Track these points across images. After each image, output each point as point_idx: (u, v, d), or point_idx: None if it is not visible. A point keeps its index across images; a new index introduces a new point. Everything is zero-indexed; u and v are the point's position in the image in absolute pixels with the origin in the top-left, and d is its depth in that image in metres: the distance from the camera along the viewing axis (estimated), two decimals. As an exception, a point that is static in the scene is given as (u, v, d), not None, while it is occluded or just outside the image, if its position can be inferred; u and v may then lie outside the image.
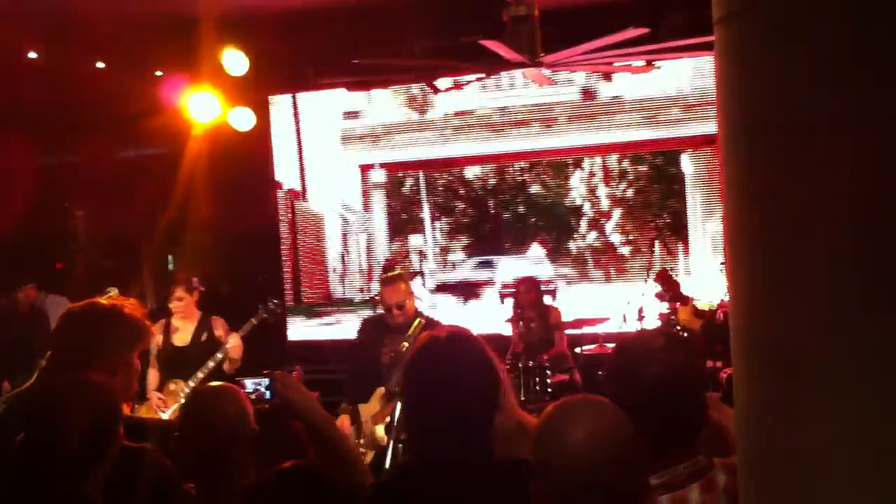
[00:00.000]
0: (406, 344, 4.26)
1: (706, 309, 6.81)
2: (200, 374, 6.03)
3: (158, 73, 8.49)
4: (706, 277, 8.67)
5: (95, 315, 2.75)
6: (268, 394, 4.62)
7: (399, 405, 2.88)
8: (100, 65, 8.34)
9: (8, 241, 8.01)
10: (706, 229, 8.99)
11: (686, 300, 5.49)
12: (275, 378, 2.46)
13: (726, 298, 6.84)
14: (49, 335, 5.64)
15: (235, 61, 7.78)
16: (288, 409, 2.40)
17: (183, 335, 6.36)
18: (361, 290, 9.86)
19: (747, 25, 1.50)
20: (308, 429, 2.39)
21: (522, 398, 6.67)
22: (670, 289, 6.19)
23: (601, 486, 1.79)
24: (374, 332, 5.75)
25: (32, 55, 7.97)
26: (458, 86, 8.42)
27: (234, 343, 6.16)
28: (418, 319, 4.65)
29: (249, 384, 4.89)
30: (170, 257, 9.75)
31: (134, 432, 2.58)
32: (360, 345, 5.93)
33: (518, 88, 9.30)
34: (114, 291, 3.82)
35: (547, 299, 8.27)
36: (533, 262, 9.53)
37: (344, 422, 5.39)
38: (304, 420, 2.41)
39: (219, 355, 6.14)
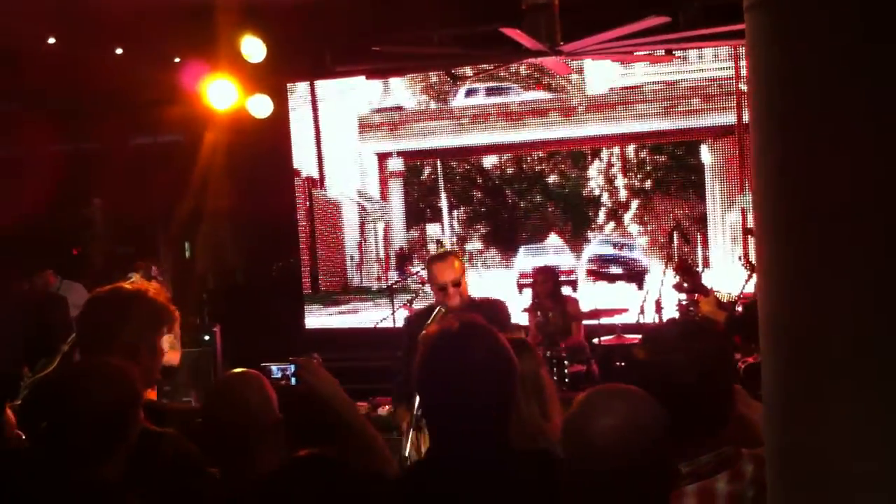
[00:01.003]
0: (423, 334, 4.25)
1: (725, 301, 6.79)
2: None
3: (177, 60, 8.49)
4: (725, 269, 8.63)
5: (120, 299, 2.75)
6: (293, 380, 4.59)
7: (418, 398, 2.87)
8: (118, 51, 8.35)
9: (25, 227, 8.04)
10: (725, 220, 8.94)
11: (707, 291, 5.45)
12: (299, 364, 2.46)
13: (745, 290, 6.81)
14: (66, 320, 5.68)
15: (253, 48, 7.78)
16: (312, 394, 2.40)
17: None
18: (378, 279, 9.87)
19: (779, 12, 1.48)
20: (332, 415, 2.39)
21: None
22: (690, 280, 6.15)
23: (631, 472, 1.79)
24: (423, 325, 5.44)
25: (51, 41, 7.99)
26: (476, 74, 8.40)
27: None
28: (439, 308, 4.59)
29: (275, 370, 4.86)
30: (186, 244, 9.77)
31: (156, 417, 2.59)
32: (406, 340, 5.69)
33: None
34: (136, 277, 3.82)
35: (567, 290, 8.26)
36: (553, 251, 9.51)
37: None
38: (327, 406, 2.41)
39: None
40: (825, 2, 1.43)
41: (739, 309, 5.46)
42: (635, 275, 9.34)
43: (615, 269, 9.37)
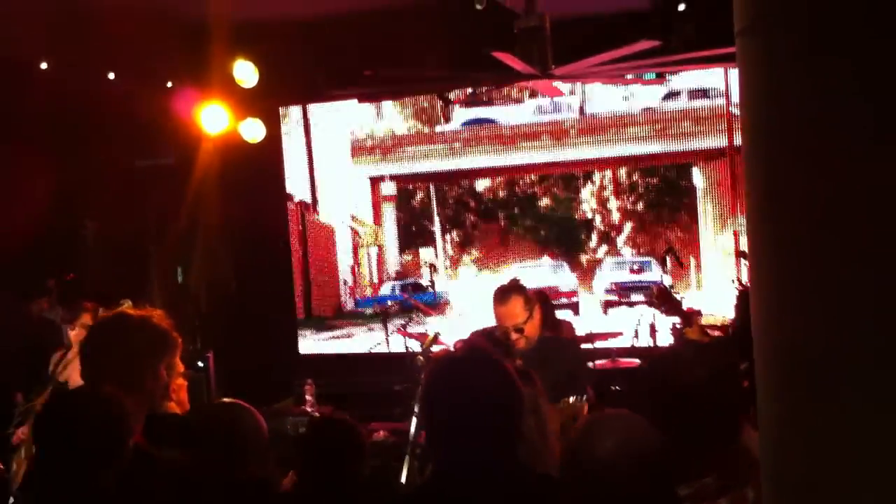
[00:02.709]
0: (421, 359, 4.23)
1: (719, 323, 6.79)
2: None
3: (169, 85, 8.51)
4: (718, 290, 8.64)
5: (124, 326, 2.76)
6: None
7: (415, 420, 2.87)
8: (111, 76, 8.36)
9: (19, 250, 8.01)
10: (718, 243, 8.97)
11: (688, 317, 5.46)
12: None
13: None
14: (58, 345, 5.63)
15: (246, 73, 7.80)
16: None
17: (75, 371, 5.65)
18: (372, 303, 9.85)
19: (770, 37, 1.50)
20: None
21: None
22: (670, 307, 6.18)
23: (631, 497, 1.80)
24: None
25: (44, 66, 8.00)
26: (468, 97, 8.42)
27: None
28: (434, 333, 4.55)
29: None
30: (179, 269, 9.74)
31: (157, 431, 2.60)
32: None
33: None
34: (127, 303, 3.80)
35: (568, 313, 8.24)
36: (553, 271, 9.51)
37: None
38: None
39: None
40: (815, 26, 1.44)
41: (730, 332, 5.47)
42: (570, 305, 9.29)
43: (635, 297, 9.29)
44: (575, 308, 9.33)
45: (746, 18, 1.56)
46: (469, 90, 8.31)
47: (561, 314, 8.32)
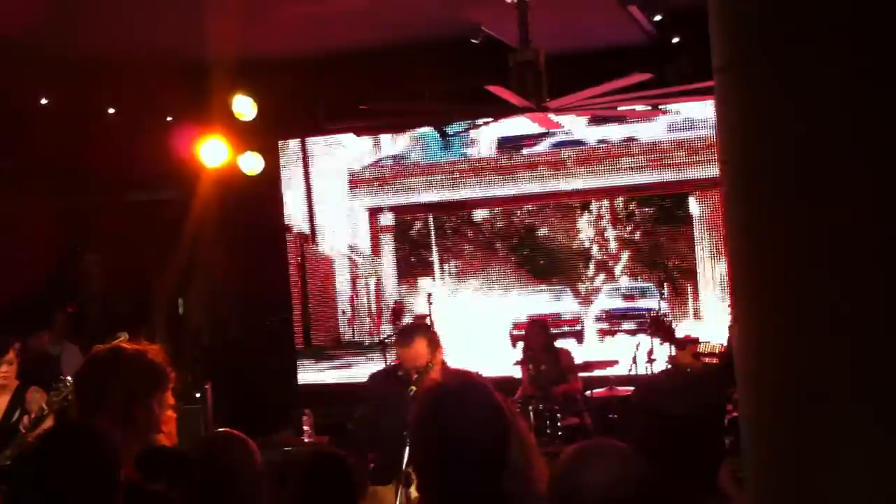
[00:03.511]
0: (414, 388, 4.27)
1: (716, 351, 6.81)
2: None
3: (169, 119, 8.59)
4: (715, 318, 8.66)
5: (116, 360, 2.79)
6: None
7: (407, 450, 2.88)
8: (111, 111, 8.44)
9: (20, 285, 8.05)
10: (715, 271, 9.00)
11: (683, 345, 5.49)
12: None
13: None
14: (55, 379, 5.63)
15: (245, 107, 7.89)
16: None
17: None
18: (371, 334, 9.86)
19: (745, 75, 1.54)
20: None
21: (532, 442, 6.63)
22: (664, 335, 6.21)
23: None
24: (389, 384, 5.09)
25: (44, 101, 8.08)
26: (466, 130, 8.49)
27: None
28: (428, 363, 4.59)
29: None
30: (180, 301, 9.77)
31: (147, 464, 2.62)
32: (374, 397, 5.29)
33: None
34: (124, 336, 3.82)
35: (571, 342, 8.23)
36: (556, 298, 9.46)
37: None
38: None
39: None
40: (791, 65, 1.48)
41: (717, 360, 5.50)
42: (574, 333, 9.20)
43: (628, 325, 9.23)
44: (578, 336, 9.27)
45: (723, 57, 1.61)
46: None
47: (564, 343, 8.33)
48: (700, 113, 8.78)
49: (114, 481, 2.37)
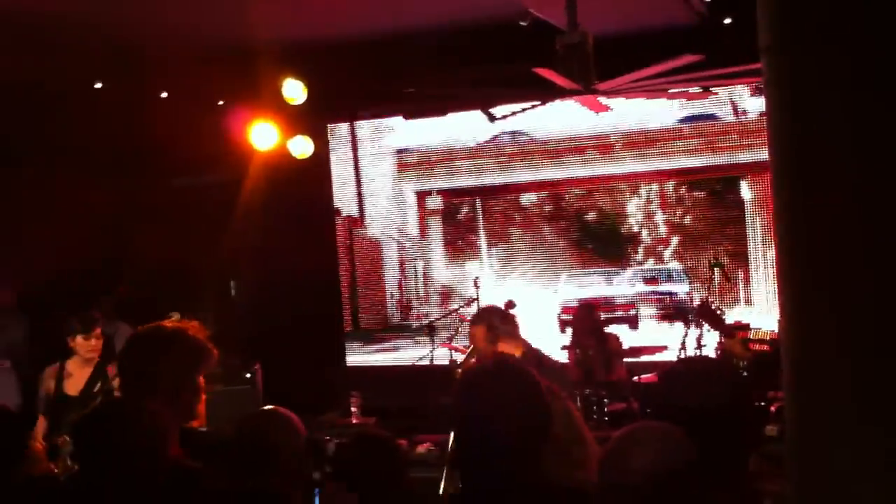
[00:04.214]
0: (460, 371, 4.29)
1: (767, 338, 6.72)
2: None
3: (220, 103, 8.67)
4: (767, 305, 8.55)
5: (160, 338, 2.81)
6: None
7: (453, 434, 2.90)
8: (163, 95, 8.55)
9: (73, 267, 8.21)
10: (767, 257, 8.87)
11: (732, 332, 5.42)
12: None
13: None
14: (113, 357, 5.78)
15: (295, 91, 7.93)
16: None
17: (76, 382, 5.64)
18: (419, 317, 9.90)
19: (793, 54, 1.52)
20: None
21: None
22: (712, 322, 6.13)
23: None
24: None
25: (98, 85, 8.20)
26: (513, 113, 8.45)
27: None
28: (472, 346, 4.61)
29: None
30: (232, 283, 9.89)
31: (194, 447, 2.66)
32: None
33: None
34: (176, 316, 3.89)
35: (623, 328, 8.15)
36: (608, 281, 9.36)
37: None
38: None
39: None
40: (837, 45, 1.46)
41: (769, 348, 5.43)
42: (676, 313, 9.10)
43: (647, 310, 9.13)
44: (633, 322, 9.14)
45: (770, 37, 1.59)
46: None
47: (617, 329, 8.24)
48: (752, 95, 8.64)
49: (159, 459, 2.41)
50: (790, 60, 1.54)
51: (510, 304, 6.13)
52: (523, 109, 7.25)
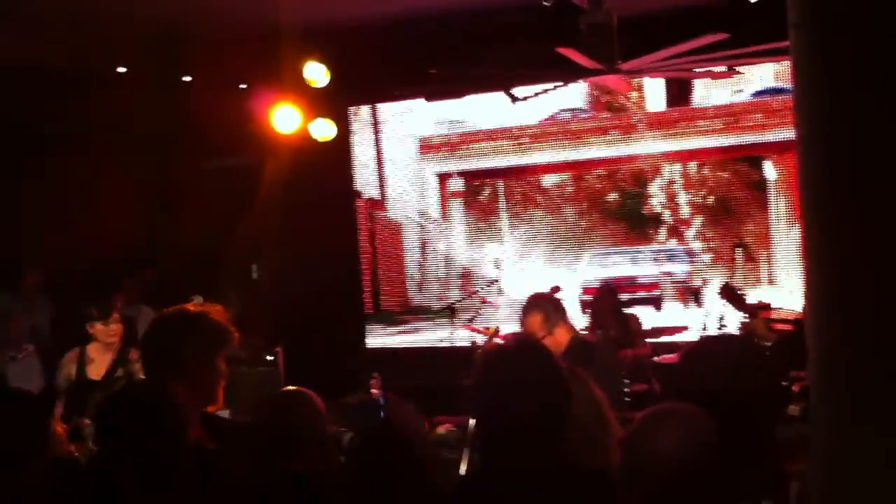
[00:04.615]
0: (481, 353, 4.29)
1: (790, 318, 6.67)
2: None
3: (243, 86, 8.69)
4: (790, 285, 8.49)
5: (182, 321, 2.82)
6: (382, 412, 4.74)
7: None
8: (186, 79, 8.57)
9: (100, 250, 8.27)
10: (790, 236, 8.81)
11: (755, 313, 5.38)
12: (390, 401, 2.56)
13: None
14: (131, 340, 5.83)
15: (317, 73, 7.93)
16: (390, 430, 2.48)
17: (98, 367, 5.66)
18: (439, 299, 9.91)
19: (822, 31, 1.50)
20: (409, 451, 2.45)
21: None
22: (735, 303, 6.09)
23: (692, 492, 1.79)
24: None
25: (121, 70, 8.24)
26: (536, 94, 8.41)
27: None
28: (496, 327, 4.62)
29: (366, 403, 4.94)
30: (253, 266, 9.93)
31: (215, 431, 2.67)
32: None
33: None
34: (199, 299, 3.91)
35: (648, 310, 8.10)
36: (632, 261, 9.28)
37: None
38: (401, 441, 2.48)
39: None
40: (866, 22, 1.44)
41: (792, 328, 5.38)
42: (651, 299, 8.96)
43: (641, 294, 9.04)
44: (657, 303, 9.07)
45: (800, 13, 1.57)
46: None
47: (641, 310, 8.21)
48: (776, 74, 8.55)
49: (180, 443, 2.42)
50: (819, 37, 1.52)
51: (556, 289, 6.11)
52: (546, 90, 7.21)
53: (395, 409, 2.51)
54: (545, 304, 4.87)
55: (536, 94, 7.73)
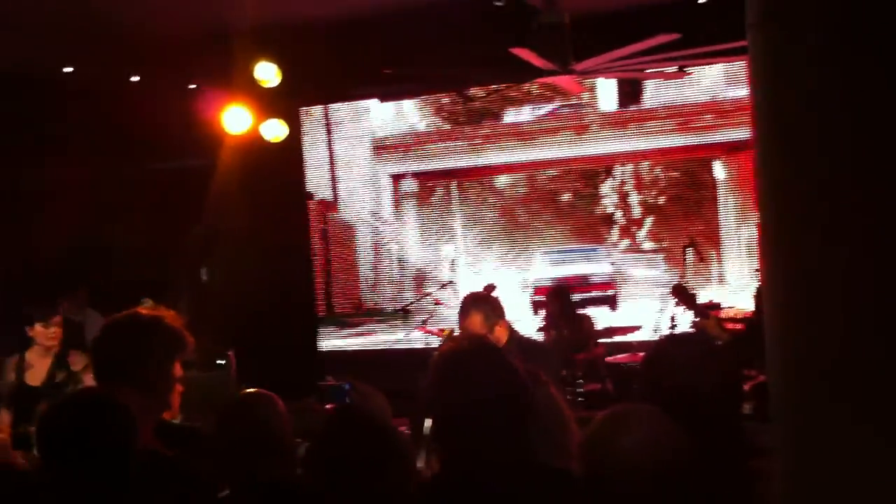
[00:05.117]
0: (436, 354, 4.26)
1: (740, 316, 6.75)
2: None
3: (192, 87, 8.57)
4: (740, 284, 8.59)
5: (136, 326, 2.74)
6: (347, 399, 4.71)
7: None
8: (134, 78, 8.43)
9: (47, 253, 8.10)
10: (740, 236, 8.91)
11: (705, 313, 5.44)
12: (354, 386, 2.51)
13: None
14: (79, 346, 5.71)
15: (268, 73, 7.84)
16: (358, 415, 2.43)
17: (37, 373, 5.54)
18: (393, 300, 9.87)
19: (780, 30, 1.50)
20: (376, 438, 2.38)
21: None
22: (686, 303, 6.15)
23: (652, 493, 1.78)
24: None
25: (68, 70, 8.08)
26: (489, 94, 8.42)
27: None
28: (450, 328, 4.59)
29: (329, 391, 4.91)
30: (203, 269, 9.81)
31: (168, 437, 2.61)
32: None
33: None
34: (148, 302, 3.83)
35: (603, 311, 8.13)
36: (587, 259, 9.31)
37: None
38: (370, 422, 2.42)
39: None
40: (824, 20, 1.44)
41: (743, 326, 5.45)
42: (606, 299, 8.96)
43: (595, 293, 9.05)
44: (612, 302, 9.09)
45: (757, 12, 1.56)
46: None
47: (595, 310, 8.23)
48: (727, 75, 8.65)
49: (127, 450, 2.36)
50: (777, 36, 1.51)
51: (491, 288, 6.10)
52: (498, 91, 7.21)
53: (361, 394, 2.43)
54: (483, 304, 4.82)
55: (490, 94, 7.75)
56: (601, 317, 8.23)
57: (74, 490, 2.30)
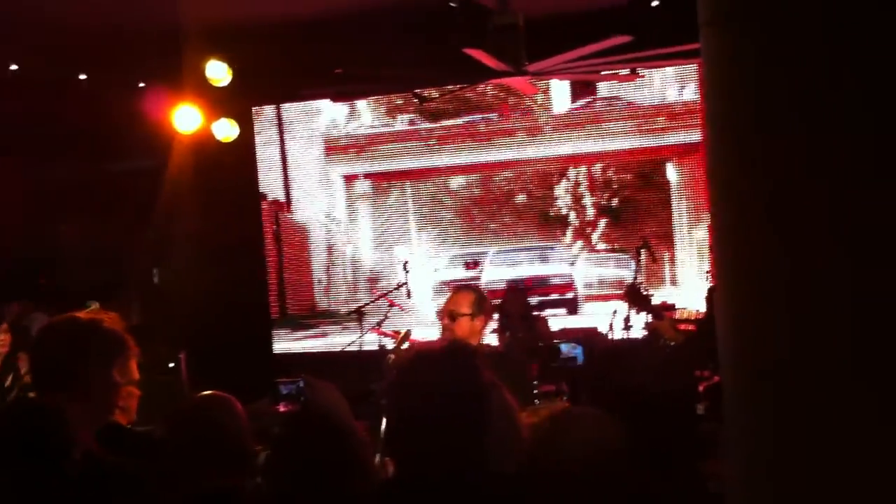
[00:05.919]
0: (392, 357, 4.23)
1: (692, 317, 6.82)
2: None
3: (141, 85, 8.45)
4: (692, 285, 8.67)
5: (71, 331, 2.65)
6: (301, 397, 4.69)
7: (385, 420, 2.82)
8: (82, 77, 8.30)
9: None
10: (692, 237, 9.00)
11: (660, 314, 5.49)
12: (308, 383, 2.46)
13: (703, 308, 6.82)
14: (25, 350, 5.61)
15: (219, 72, 7.77)
16: (315, 411, 2.40)
17: None
18: (347, 302, 9.81)
19: (732, 28, 1.50)
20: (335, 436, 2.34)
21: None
22: (640, 304, 6.20)
23: (594, 496, 1.78)
24: None
25: (13, 68, 7.93)
26: (443, 94, 8.42)
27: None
28: (406, 330, 4.56)
29: (283, 388, 4.89)
30: (154, 270, 9.68)
31: (116, 442, 2.54)
32: None
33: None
34: (94, 305, 3.76)
35: (561, 312, 8.13)
36: (543, 258, 9.30)
37: None
38: (328, 422, 2.39)
39: None
40: (777, 19, 1.44)
41: (695, 328, 5.50)
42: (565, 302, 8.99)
43: (554, 296, 9.08)
44: (571, 306, 9.10)
45: (709, 11, 1.56)
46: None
47: (554, 313, 8.23)
48: (679, 78, 8.73)
49: (58, 457, 2.29)
50: (729, 36, 1.51)
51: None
52: (452, 91, 7.21)
53: (316, 389, 2.36)
54: (477, 292, 4.82)
55: (444, 95, 7.74)
56: (558, 318, 8.26)
57: (8, 497, 2.25)
